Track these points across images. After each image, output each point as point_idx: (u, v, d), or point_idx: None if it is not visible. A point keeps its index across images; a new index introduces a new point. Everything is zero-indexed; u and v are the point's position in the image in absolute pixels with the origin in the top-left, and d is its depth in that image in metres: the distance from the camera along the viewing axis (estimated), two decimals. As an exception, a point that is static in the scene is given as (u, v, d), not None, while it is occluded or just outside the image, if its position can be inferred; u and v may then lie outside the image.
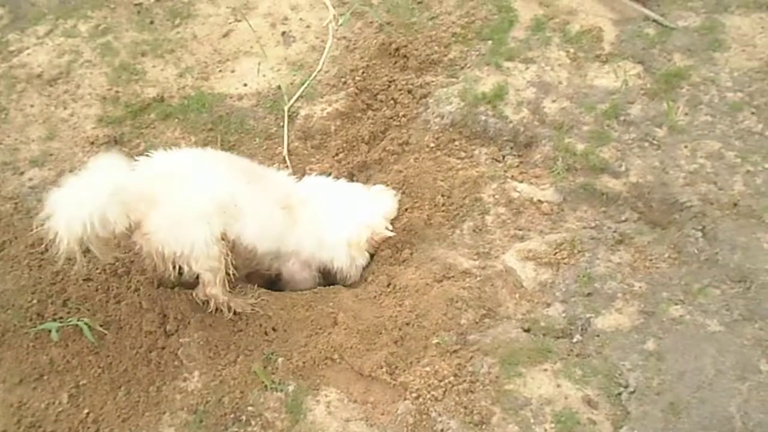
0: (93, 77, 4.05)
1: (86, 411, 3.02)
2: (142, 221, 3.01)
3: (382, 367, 3.16)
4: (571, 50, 4.09)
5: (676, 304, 3.17)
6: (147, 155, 3.22)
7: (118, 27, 4.32)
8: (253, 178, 3.32)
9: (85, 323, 3.12)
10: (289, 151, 3.94)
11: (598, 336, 3.15)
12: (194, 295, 3.30)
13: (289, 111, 4.04)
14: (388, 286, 3.56)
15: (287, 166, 3.87)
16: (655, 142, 3.69)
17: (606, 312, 3.22)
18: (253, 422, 3.00)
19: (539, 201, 3.68)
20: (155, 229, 3.02)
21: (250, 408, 3.04)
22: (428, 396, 3.01)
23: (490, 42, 4.19)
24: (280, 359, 3.19)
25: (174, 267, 3.14)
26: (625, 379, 2.98)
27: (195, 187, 3.09)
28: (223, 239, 3.14)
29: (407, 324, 3.34)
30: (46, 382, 3.10)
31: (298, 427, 2.97)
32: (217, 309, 3.29)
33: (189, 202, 3.05)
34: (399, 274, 3.59)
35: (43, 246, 3.43)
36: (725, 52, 3.92)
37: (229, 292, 3.31)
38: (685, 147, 3.65)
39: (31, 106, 3.93)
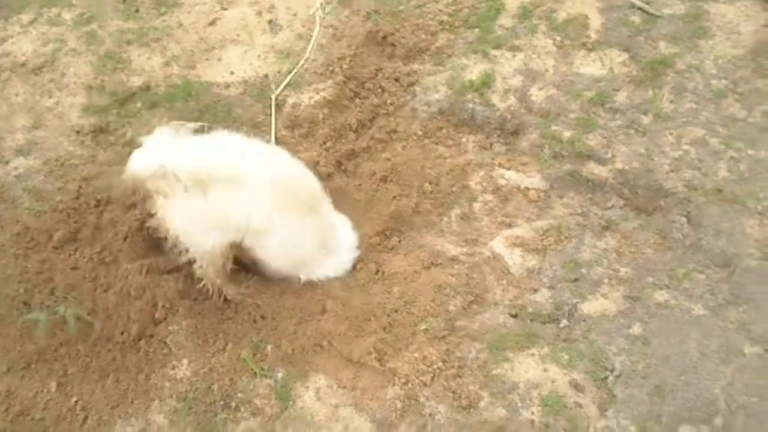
0: (78, 66, 4.01)
1: (75, 399, 3.03)
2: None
3: (370, 354, 3.17)
4: (558, 38, 4.10)
5: (661, 288, 3.21)
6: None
7: (102, 15, 4.27)
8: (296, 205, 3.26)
9: (73, 312, 3.12)
10: (276, 139, 3.92)
11: (584, 321, 3.19)
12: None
13: (276, 99, 4.02)
14: (377, 273, 3.57)
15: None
16: (640, 129, 3.72)
17: (592, 297, 3.25)
18: (242, 409, 3.01)
19: (526, 188, 3.70)
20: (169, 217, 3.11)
21: (239, 395, 3.05)
22: (417, 381, 3.04)
23: (477, 30, 4.19)
24: (269, 346, 3.20)
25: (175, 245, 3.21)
26: (611, 363, 3.02)
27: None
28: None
29: (396, 311, 3.36)
30: (34, 371, 3.09)
31: (288, 413, 2.99)
32: (208, 292, 3.30)
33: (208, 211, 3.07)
34: (387, 261, 3.60)
35: (29, 235, 3.43)
36: (710, 40, 3.95)
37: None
38: (670, 134, 3.67)
39: (16, 95, 3.89)
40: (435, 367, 3.07)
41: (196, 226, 3.11)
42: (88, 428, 2.96)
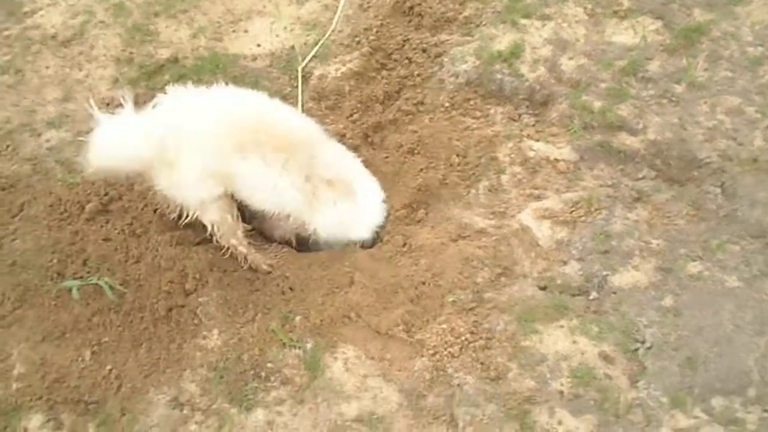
0: (107, 38, 4.03)
1: (109, 367, 3.08)
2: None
3: (398, 325, 3.18)
4: (589, 6, 4.01)
5: (694, 260, 3.16)
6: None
7: (130, -13, 4.28)
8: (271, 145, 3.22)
9: (106, 282, 3.17)
10: (303, 111, 3.91)
11: (614, 293, 3.16)
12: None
13: (303, 71, 4.01)
14: (404, 245, 3.57)
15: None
16: (673, 98, 3.64)
17: (623, 269, 3.22)
18: (272, 378, 3.04)
19: (556, 160, 3.65)
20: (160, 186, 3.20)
21: (269, 365, 3.08)
22: (445, 353, 3.04)
23: (506, -1, 4.12)
24: (297, 317, 3.22)
25: (182, 214, 3.29)
26: (642, 335, 2.99)
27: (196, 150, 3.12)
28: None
29: (423, 283, 3.35)
30: (68, 340, 3.15)
31: (317, 383, 3.01)
32: (237, 261, 3.38)
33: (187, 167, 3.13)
34: (414, 233, 3.59)
35: (62, 207, 3.48)
36: (746, 6, 3.84)
37: (251, 245, 3.41)
38: (705, 103, 3.59)
39: (47, 67, 3.93)
40: (463, 338, 3.07)
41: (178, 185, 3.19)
42: (122, 396, 3.02)
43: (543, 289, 3.25)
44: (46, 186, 3.53)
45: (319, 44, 4.07)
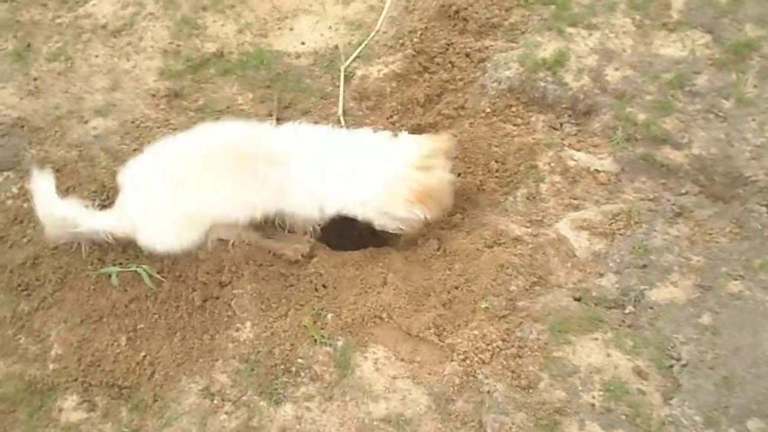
0: (155, 30, 4.09)
1: (143, 354, 3.14)
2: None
3: (430, 329, 3.18)
4: (637, 17, 3.96)
5: (736, 279, 3.11)
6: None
7: (180, -19, 4.35)
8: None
9: (144, 270, 3.22)
10: (344, 111, 3.93)
11: (651, 308, 3.12)
12: None
13: (345, 71, 4.03)
14: (438, 249, 3.57)
15: (342, 126, 3.87)
16: (720, 113, 3.58)
17: (661, 284, 3.17)
18: (302, 374, 3.07)
19: (596, 170, 3.62)
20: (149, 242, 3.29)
21: (299, 360, 3.10)
22: (475, 359, 3.03)
23: (553, 6, 4.08)
24: (329, 315, 3.24)
25: None
26: (678, 351, 2.94)
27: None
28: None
29: (456, 288, 3.35)
30: (105, 324, 3.21)
31: (346, 381, 3.02)
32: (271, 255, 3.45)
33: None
34: (449, 238, 3.59)
35: (105, 194, 3.54)
36: (800, 23, 3.76)
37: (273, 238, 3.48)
38: (753, 120, 3.53)
39: (96, 56, 4.00)
40: (494, 345, 3.06)
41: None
42: (155, 382, 3.07)
43: (578, 300, 3.22)
44: (91, 172, 3.59)
45: (363, 44, 4.08)
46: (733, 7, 3.88)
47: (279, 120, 3.90)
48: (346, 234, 3.68)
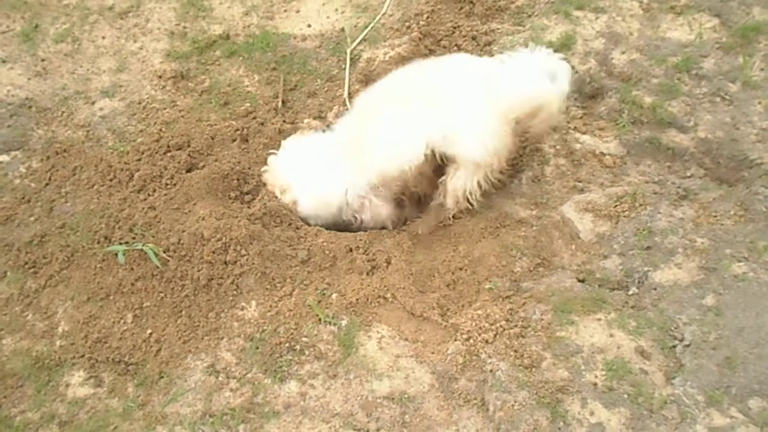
0: (162, 12, 4.11)
1: (149, 331, 3.15)
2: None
3: (433, 309, 3.20)
4: (645, 0, 3.95)
5: (740, 261, 3.10)
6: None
7: (187, -37, 4.35)
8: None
9: (151, 248, 3.24)
10: (350, 93, 3.94)
11: (655, 289, 3.12)
12: None
13: (351, 54, 4.04)
14: (443, 230, 3.57)
15: (347, 109, 3.88)
16: (727, 97, 3.57)
17: (665, 266, 3.17)
18: (306, 352, 3.08)
19: (602, 153, 3.62)
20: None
21: (304, 339, 3.12)
22: (479, 338, 3.04)
23: (559, -10, 4.08)
24: (334, 295, 3.25)
25: None
26: (681, 332, 2.94)
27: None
28: None
29: (460, 269, 3.36)
30: (112, 302, 3.23)
31: (350, 360, 3.04)
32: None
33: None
34: (454, 219, 3.60)
35: (111, 174, 3.57)
36: (809, 7, 3.74)
37: None
38: (759, 103, 3.52)
39: (103, 38, 4.02)
40: (498, 325, 3.06)
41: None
42: (160, 359, 3.09)
43: (581, 281, 3.22)
44: (97, 153, 3.62)
45: (369, 27, 4.08)
46: (741, -9, 3.87)
47: (284, 102, 3.92)
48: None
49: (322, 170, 3.53)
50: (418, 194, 3.73)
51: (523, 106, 3.28)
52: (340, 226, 3.69)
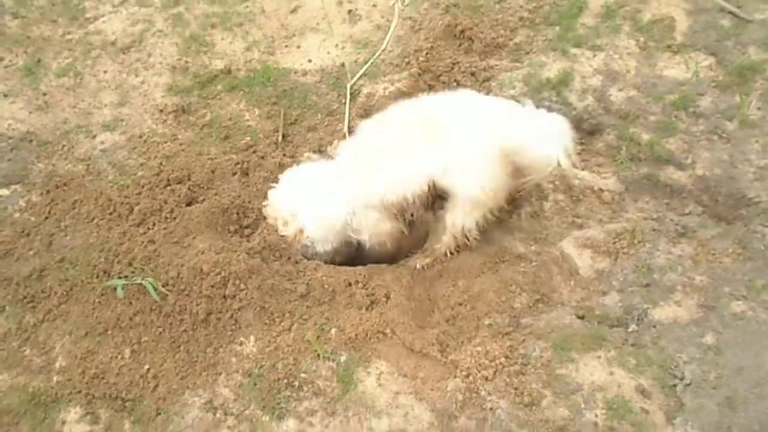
0: (164, 47, 4.15)
1: (147, 367, 3.13)
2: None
3: (433, 345, 3.19)
4: (642, 39, 4.01)
5: (738, 299, 3.11)
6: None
7: (189, -1, 4.41)
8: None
9: (150, 283, 3.23)
10: (349, 128, 3.97)
11: (654, 327, 3.12)
12: None
13: (351, 89, 4.07)
14: (442, 266, 3.58)
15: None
16: (724, 135, 3.61)
17: (664, 303, 3.17)
18: (305, 388, 3.06)
19: (600, 189, 3.64)
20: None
21: (302, 375, 3.10)
22: (478, 375, 3.03)
23: (557, 27, 4.14)
24: (333, 330, 3.24)
25: None
26: (681, 371, 2.94)
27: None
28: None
29: (460, 304, 3.36)
30: (110, 337, 3.21)
31: (349, 396, 3.02)
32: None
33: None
34: (453, 255, 3.60)
35: (111, 207, 3.57)
36: (803, 46, 3.80)
37: None
38: (756, 142, 3.55)
39: (105, 72, 4.06)
40: (497, 362, 3.05)
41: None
42: (158, 395, 3.06)
43: (581, 318, 3.22)
44: (97, 186, 3.62)
45: (369, 62, 4.12)
46: (737, 31, 3.93)
47: (285, 136, 3.94)
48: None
49: (323, 193, 3.53)
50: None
51: (523, 157, 3.33)
52: (344, 247, 3.68)
